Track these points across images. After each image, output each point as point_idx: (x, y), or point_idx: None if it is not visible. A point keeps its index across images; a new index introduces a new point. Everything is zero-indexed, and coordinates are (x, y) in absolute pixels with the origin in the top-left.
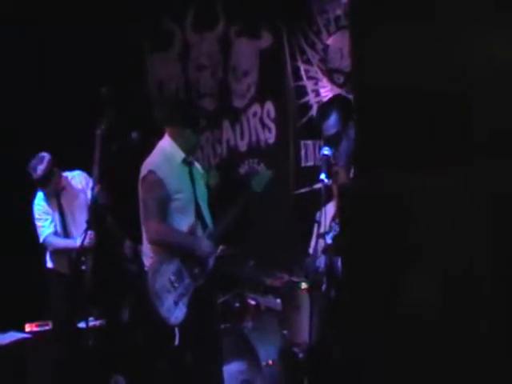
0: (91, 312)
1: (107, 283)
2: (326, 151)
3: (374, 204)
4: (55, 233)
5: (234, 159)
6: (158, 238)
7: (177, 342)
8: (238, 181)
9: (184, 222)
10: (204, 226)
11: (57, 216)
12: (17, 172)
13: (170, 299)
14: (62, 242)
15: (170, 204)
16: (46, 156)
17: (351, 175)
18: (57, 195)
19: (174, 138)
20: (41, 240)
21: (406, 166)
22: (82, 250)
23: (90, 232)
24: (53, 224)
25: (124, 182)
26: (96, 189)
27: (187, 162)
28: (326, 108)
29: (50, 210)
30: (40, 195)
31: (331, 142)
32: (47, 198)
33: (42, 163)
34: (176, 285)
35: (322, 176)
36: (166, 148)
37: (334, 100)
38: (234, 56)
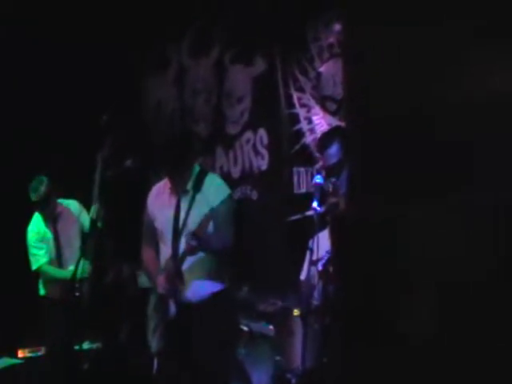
0: (87, 336)
1: (104, 307)
2: (319, 179)
3: (368, 231)
4: (49, 260)
5: None
6: (142, 263)
7: (155, 370)
8: None
9: (164, 252)
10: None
11: (52, 242)
12: (11, 198)
13: (152, 325)
14: (56, 273)
15: (155, 230)
16: (46, 179)
17: None
18: (53, 220)
19: None
20: (33, 268)
21: (400, 193)
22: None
23: (83, 263)
24: (48, 253)
25: (121, 208)
26: (95, 208)
27: (176, 192)
28: (327, 138)
29: (45, 237)
30: (35, 220)
31: (333, 171)
32: (44, 222)
33: (42, 185)
34: (155, 314)
35: (315, 204)
36: None
37: (335, 130)
38: (228, 82)
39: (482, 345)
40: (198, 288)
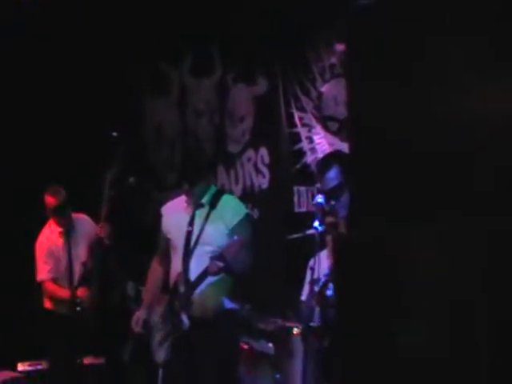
0: (89, 351)
1: (108, 323)
2: (320, 199)
3: (369, 252)
4: (57, 273)
5: None
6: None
7: (160, 382)
8: None
9: (175, 263)
10: (186, 278)
11: (63, 254)
12: (17, 213)
13: (157, 337)
14: (57, 292)
15: (168, 242)
16: (62, 188)
17: None
18: (67, 232)
19: None
20: (37, 279)
21: (400, 215)
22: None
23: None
24: (54, 270)
25: (126, 225)
26: (101, 226)
27: (192, 205)
28: (326, 161)
29: (54, 251)
30: (48, 232)
31: (332, 194)
32: (58, 234)
33: (62, 191)
34: (161, 326)
35: (316, 224)
36: None
37: (334, 154)
38: (231, 102)
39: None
40: (213, 304)
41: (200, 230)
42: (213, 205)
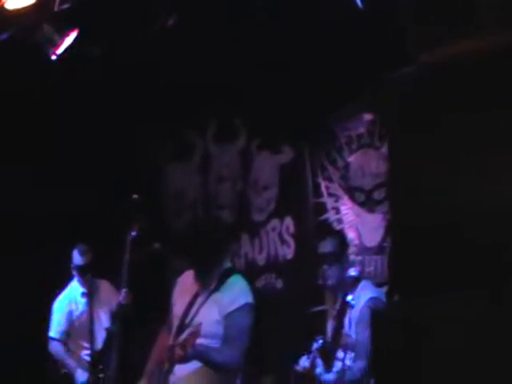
0: None
1: None
2: (353, 272)
3: (410, 331)
4: (71, 332)
5: (251, 273)
6: None
7: None
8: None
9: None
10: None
11: (83, 315)
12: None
13: None
14: (62, 358)
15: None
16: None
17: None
18: (90, 293)
19: None
20: (50, 334)
21: (439, 294)
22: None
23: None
24: (65, 332)
25: (146, 291)
26: (123, 293)
27: (198, 283)
28: (327, 229)
29: (73, 311)
30: (70, 292)
31: (326, 258)
32: (81, 294)
33: (89, 251)
34: None
35: (349, 298)
36: None
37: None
38: (255, 170)
39: None
40: None
41: (196, 311)
42: (217, 286)
